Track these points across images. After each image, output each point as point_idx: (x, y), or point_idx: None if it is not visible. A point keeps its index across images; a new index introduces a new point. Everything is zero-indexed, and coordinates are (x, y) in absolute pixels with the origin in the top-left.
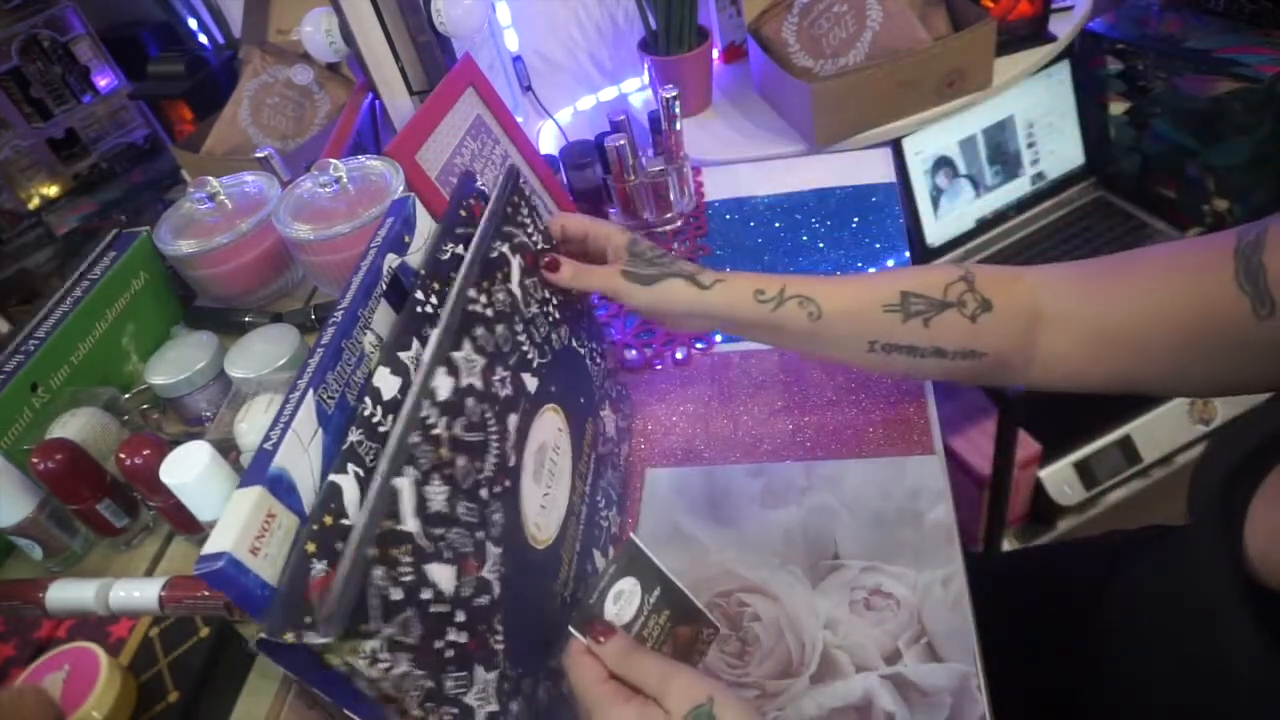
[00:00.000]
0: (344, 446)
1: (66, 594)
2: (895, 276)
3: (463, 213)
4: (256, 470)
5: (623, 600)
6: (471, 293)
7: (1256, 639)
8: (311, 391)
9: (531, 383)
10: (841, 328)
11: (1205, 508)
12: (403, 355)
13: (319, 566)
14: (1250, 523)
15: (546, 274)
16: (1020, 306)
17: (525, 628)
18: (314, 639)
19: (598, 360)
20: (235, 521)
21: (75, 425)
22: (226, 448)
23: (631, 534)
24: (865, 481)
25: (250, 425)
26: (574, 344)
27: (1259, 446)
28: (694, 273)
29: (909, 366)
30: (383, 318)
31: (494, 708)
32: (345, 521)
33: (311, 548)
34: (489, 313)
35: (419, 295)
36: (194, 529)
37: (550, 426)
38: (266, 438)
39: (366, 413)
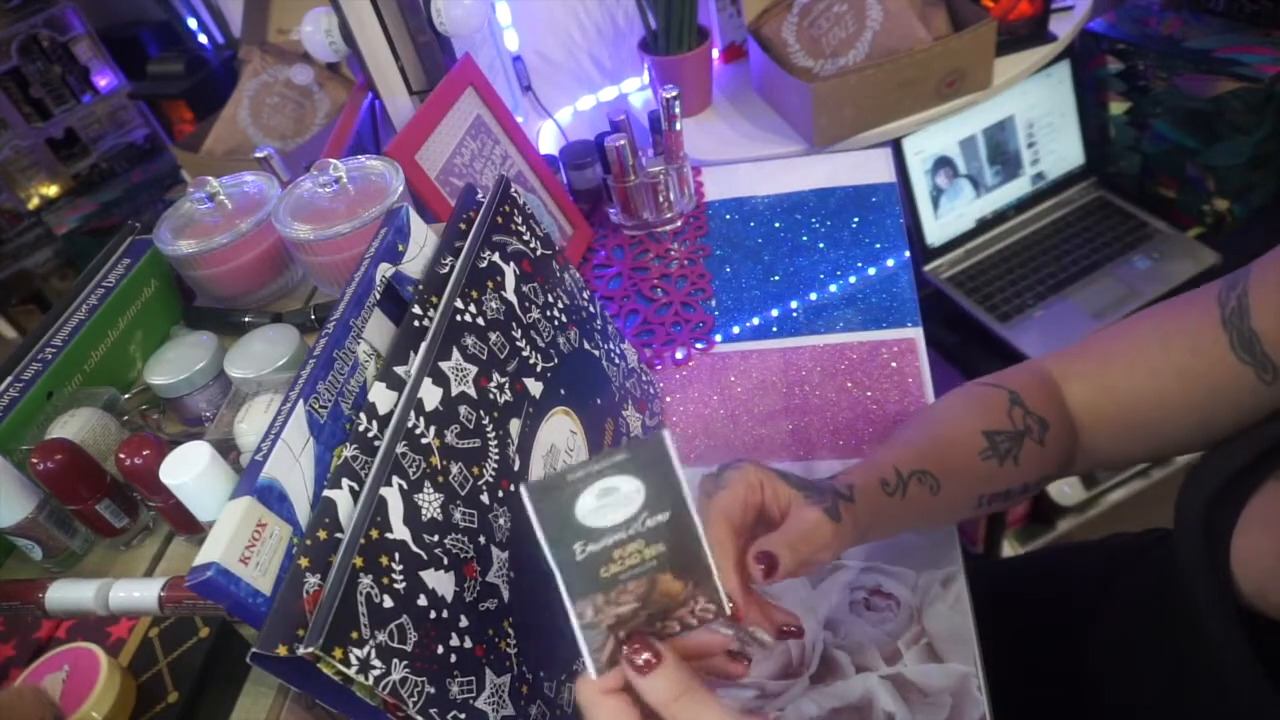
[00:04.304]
0: (339, 463)
1: (66, 594)
2: (963, 417)
3: (463, 225)
4: (246, 481)
5: (610, 501)
6: (459, 303)
7: (1251, 667)
8: (302, 402)
9: (536, 387)
10: (956, 492)
11: (1189, 537)
12: (399, 369)
13: (312, 581)
14: (1236, 553)
15: (769, 579)
16: (1065, 417)
17: (542, 631)
18: (301, 650)
19: (615, 360)
20: (225, 532)
21: (74, 425)
22: (226, 448)
23: (666, 430)
24: None
25: (250, 425)
26: (586, 346)
27: (1238, 472)
28: (833, 484)
29: (999, 509)
30: (377, 326)
31: (509, 712)
32: (340, 536)
33: (305, 563)
34: (480, 321)
35: (416, 309)
36: (194, 529)
37: (561, 429)
38: (257, 449)
39: (361, 428)
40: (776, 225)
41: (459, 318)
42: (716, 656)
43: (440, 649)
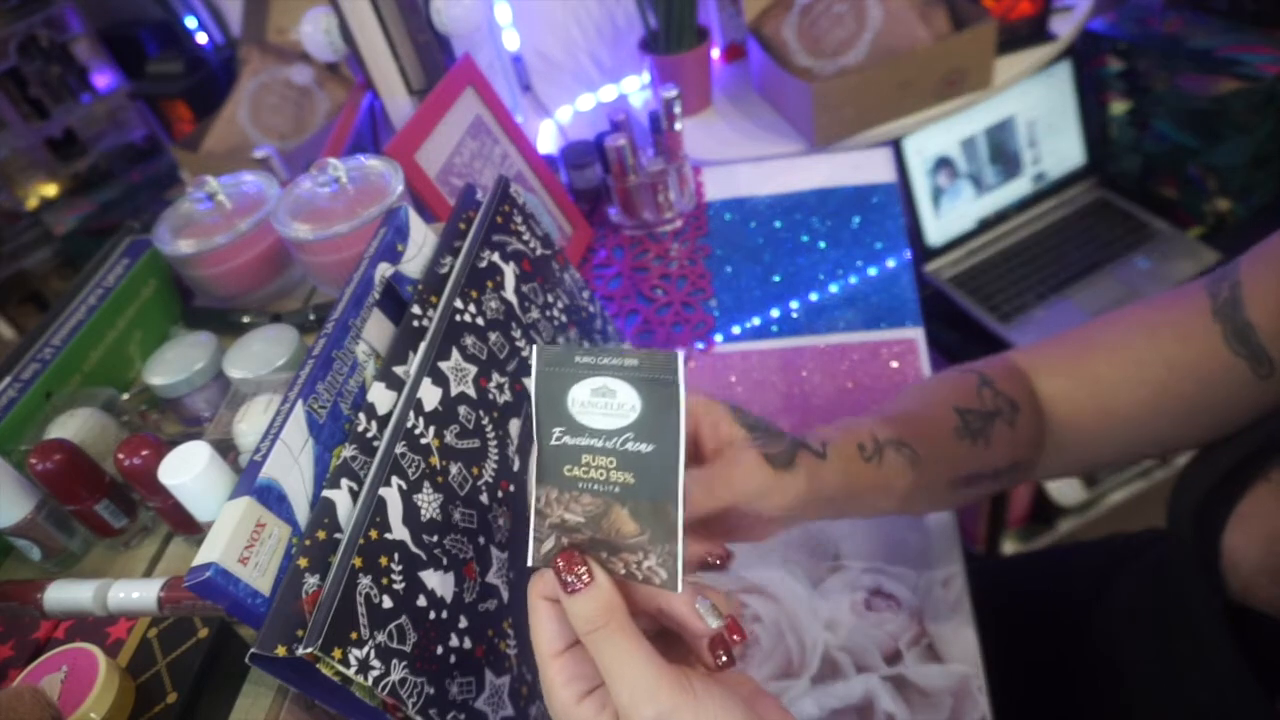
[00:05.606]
0: (338, 463)
1: (65, 595)
2: (936, 394)
3: (462, 225)
4: (245, 481)
5: (602, 403)
6: (459, 303)
7: (1236, 664)
8: (301, 402)
9: None
10: (931, 470)
11: (1181, 536)
12: (398, 369)
13: (311, 581)
14: (1227, 551)
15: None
16: (1033, 403)
17: None
18: (300, 650)
19: None
20: (223, 532)
21: (73, 426)
22: (225, 448)
23: (680, 351)
24: None
25: (249, 426)
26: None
27: (1228, 473)
28: (804, 437)
29: (967, 497)
30: (376, 327)
31: (509, 712)
32: (338, 536)
33: (304, 563)
34: (479, 321)
35: (415, 310)
36: (192, 529)
37: None
38: (256, 449)
39: (360, 428)
40: (777, 225)
41: (458, 317)
42: (697, 640)
43: (440, 649)
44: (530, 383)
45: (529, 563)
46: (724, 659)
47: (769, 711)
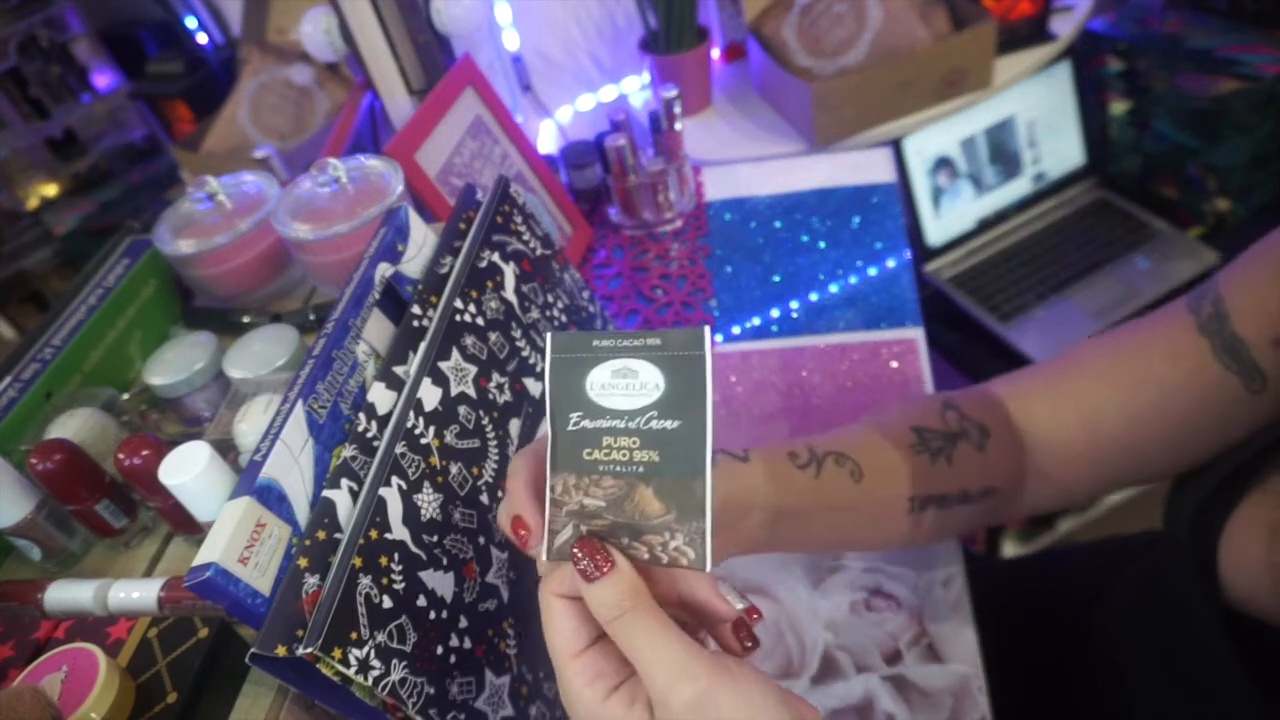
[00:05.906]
0: (338, 463)
1: (65, 595)
2: (893, 415)
3: (462, 225)
4: (245, 481)
5: (623, 384)
6: (459, 303)
7: (1235, 669)
8: (301, 402)
9: (536, 387)
10: (882, 486)
11: (1177, 544)
12: (398, 369)
13: (311, 581)
14: (1225, 560)
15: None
16: (1009, 429)
17: (541, 631)
18: (300, 651)
19: None
20: (223, 532)
21: (73, 426)
22: (225, 448)
23: (707, 326)
24: None
25: (249, 426)
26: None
27: (1223, 480)
28: (724, 447)
29: (938, 524)
30: (376, 327)
31: (509, 712)
32: (338, 536)
33: (304, 563)
34: (479, 321)
35: (415, 310)
36: (193, 529)
37: None
38: (256, 449)
39: (360, 428)
40: (777, 225)
41: (458, 317)
42: (718, 626)
43: (440, 649)
44: (544, 370)
45: (544, 557)
46: (749, 642)
47: (793, 700)
